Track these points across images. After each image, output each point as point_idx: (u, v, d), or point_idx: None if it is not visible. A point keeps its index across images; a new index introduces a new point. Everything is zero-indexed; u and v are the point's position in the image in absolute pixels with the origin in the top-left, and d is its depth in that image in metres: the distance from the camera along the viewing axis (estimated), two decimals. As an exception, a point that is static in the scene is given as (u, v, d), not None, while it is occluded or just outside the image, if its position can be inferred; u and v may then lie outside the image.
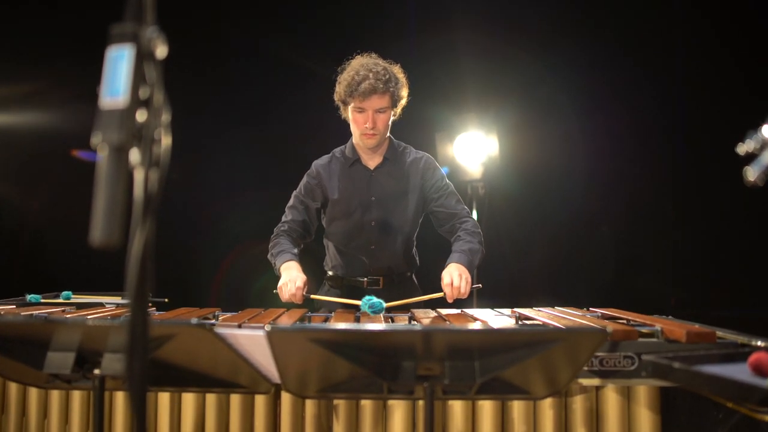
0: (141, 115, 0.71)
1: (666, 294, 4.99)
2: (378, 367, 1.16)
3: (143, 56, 0.70)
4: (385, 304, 2.02)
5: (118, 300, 2.54)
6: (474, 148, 4.85)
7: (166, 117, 0.74)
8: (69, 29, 4.48)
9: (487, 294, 2.26)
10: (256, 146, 4.90)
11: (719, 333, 1.64)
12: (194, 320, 1.22)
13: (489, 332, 1.18)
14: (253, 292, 4.41)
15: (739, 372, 1.19)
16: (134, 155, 0.72)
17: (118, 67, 0.69)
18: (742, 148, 0.86)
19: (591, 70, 4.82)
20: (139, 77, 0.70)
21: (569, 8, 4.88)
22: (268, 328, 1.02)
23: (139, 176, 0.72)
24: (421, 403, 1.68)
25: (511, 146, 4.99)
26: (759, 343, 1.57)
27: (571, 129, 4.89)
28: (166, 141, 0.74)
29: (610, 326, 1.50)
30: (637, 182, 4.93)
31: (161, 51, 0.72)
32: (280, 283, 2.27)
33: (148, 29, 0.70)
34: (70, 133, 4.73)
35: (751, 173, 0.86)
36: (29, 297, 2.48)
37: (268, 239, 2.53)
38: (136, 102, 0.70)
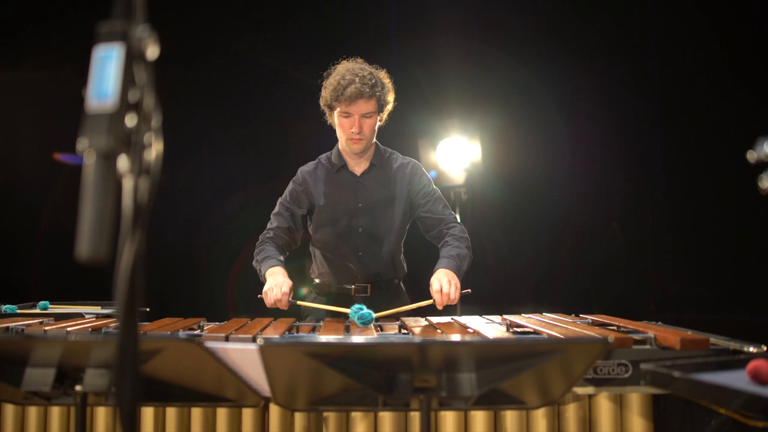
0: (130, 120, 0.66)
1: (646, 297, 5.03)
2: (374, 380, 1.12)
3: (133, 56, 0.65)
4: (374, 315, 1.97)
5: (97, 310, 2.47)
6: (457, 154, 4.84)
7: (156, 121, 0.69)
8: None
9: (471, 300, 2.22)
10: (241, 150, 4.84)
11: (712, 339, 1.64)
12: (182, 334, 1.16)
13: (488, 344, 1.15)
14: (239, 300, 4.34)
15: (738, 380, 1.18)
16: (123, 162, 0.67)
17: (106, 68, 0.63)
18: (753, 156, 0.84)
19: (574, 75, 4.85)
20: (128, 79, 0.64)
21: (552, 13, 4.90)
22: (260, 342, 0.98)
23: (128, 185, 0.67)
24: (413, 413, 1.65)
25: (494, 152, 4.99)
26: (751, 349, 1.57)
27: (554, 134, 4.91)
28: (157, 147, 0.69)
29: (612, 335, 1.48)
30: (621, 187, 4.95)
31: (152, 51, 0.67)
32: (265, 288, 2.23)
33: (138, 27, 0.65)
34: (47, 135, 4.63)
35: (767, 182, 0.84)
36: (4, 308, 2.40)
37: (253, 246, 2.48)
38: (125, 105, 0.64)
